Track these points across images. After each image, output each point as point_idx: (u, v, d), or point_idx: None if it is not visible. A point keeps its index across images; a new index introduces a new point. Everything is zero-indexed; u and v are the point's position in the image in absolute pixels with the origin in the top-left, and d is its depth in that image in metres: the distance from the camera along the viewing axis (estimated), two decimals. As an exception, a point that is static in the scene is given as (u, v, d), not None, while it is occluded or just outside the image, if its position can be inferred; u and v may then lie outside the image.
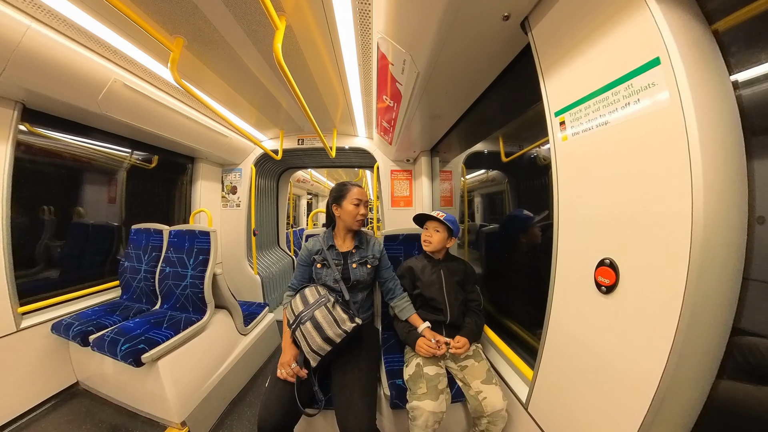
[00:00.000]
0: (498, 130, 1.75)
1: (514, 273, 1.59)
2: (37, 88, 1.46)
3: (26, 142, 1.71)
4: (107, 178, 2.33)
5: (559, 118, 0.81)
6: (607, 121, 0.67)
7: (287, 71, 1.24)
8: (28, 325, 1.60)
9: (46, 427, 1.49)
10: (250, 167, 3.11)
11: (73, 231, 2.06)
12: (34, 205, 1.83)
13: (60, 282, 1.92)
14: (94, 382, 1.73)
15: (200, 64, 1.61)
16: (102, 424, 1.52)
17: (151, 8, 1.20)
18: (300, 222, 7.95)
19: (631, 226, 0.63)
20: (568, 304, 0.83)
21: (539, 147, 1.39)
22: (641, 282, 0.61)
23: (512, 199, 1.81)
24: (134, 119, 1.92)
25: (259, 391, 1.88)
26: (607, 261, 0.68)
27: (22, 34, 1.22)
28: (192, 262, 1.80)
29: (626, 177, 0.64)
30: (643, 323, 0.61)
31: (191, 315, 1.73)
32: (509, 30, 0.93)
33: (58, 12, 1.23)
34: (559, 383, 0.87)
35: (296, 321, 1.13)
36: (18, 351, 1.55)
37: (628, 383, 0.64)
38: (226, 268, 3.10)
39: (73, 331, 1.57)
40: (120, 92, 1.69)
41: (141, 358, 1.35)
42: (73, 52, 1.41)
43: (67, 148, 1.98)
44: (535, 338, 1.26)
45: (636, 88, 0.60)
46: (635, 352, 0.62)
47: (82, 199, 2.13)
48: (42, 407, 1.61)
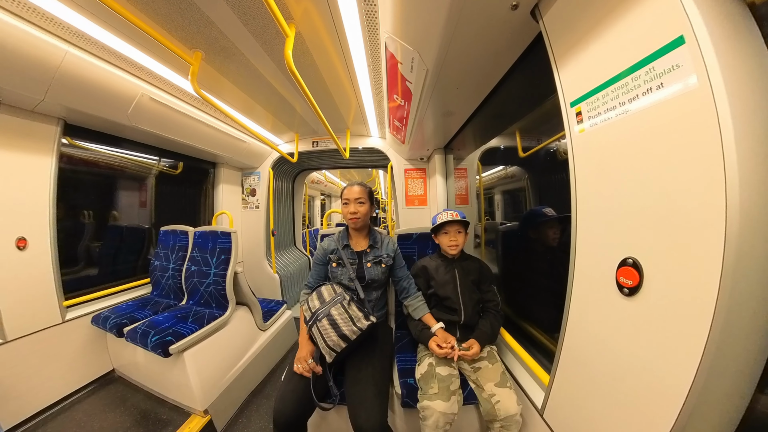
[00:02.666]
0: (514, 124, 1.66)
1: (531, 273, 1.51)
2: (76, 106, 1.57)
3: (68, 154, 1.85)
4: (138, 184, 2.47)
5: (575, 108, 0.75)
6: (628, 109, 0.60)
7: (299, 77, 1.24)
8: (72, 317, 1.73)
9: (86, 410, 1.60)
10: (267, 170, 3.18)
11: (109, 233, 2.20)
12: (76, 210, 1.97)
13: (98, 279, 2.05)
14: (128, 370, 1.83)
15: (218, 75, 1.66)
16: (134, 408, 1.61)
17: (171, 26, 1.26)
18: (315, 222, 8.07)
19: (656, 223, 0.56)
20: (587, 307, 0.76)
21: (559, 140, 1.31)
22: (668, 283, 0.55)
23: (533, 195, 1.72)
24: (160, 129, 2.02)
25: (276, 384, 1.92)
26: (630, 261, 0.61)
27: (61, 59, 1.33)
28: (215, 261, 1.86)
29: (650, 169, 0.57)
30: (670, 328, 0.54)
31: (214, 310, 1.79)
32: (519, 19, 0.87)
33: (90, 36, 1.32)
34: (577, 390, 0.81)
35: (313, 318, 1.14)
36: (63, 340, 1.68)
37: (653, 393, 0.58)
38: (247, 266, 3.19)
39: (110, 324, 1.68)
40: (147, 105, 1.78)
41: (169, 349, 1.42)
42: (104, 71, 1.51)
43: (103, 158, 2.13)
44: (552, 342, 1.19)
45: (658, 71, 0.54)
46: (660, 360, 0.56)
47: (116, 204, 2.28)
48: (83, 391, 1.73)
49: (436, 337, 1.20)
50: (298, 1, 1.14)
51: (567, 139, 0.79)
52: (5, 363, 1.43)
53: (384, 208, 6.20)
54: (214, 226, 2.06)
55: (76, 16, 1.19)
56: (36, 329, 1.56)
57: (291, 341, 2.39)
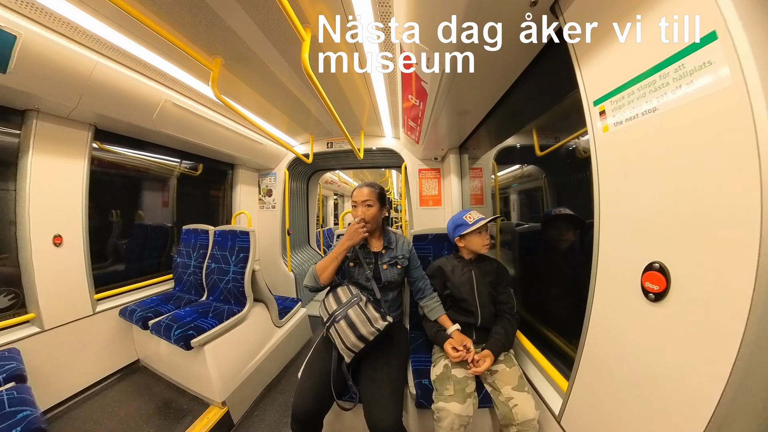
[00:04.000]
0: (531, 122, 1.61)
1: (550, 275, 1.47)
2: (105, 112, 1.66)
3: (98, 158, 1.94)
4: (161, 185, 2.58)
5: (598, 107, 0.72)
6: (655, 107, 0.58)
7: (315, 79, 1.26)
8: (101, 310, 1.83)
9: (113, 396, 1.69)
10: (283, 171, 3.24)
11: (135, 231, 2.31)
12: (105, 209, 2.08)
13: (125, 274, 2.16)
14: (152, 361, 1.92)
15: (236, 80, 1.71)
16: (157, 397, 1.68)
17: (193, 34, 1.31)
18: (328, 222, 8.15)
19: (685, 227, 0.54)
20: (609, 312, 0.73)
21: (578, 138, 1.26)
22: (697, 289, 0.52)
23: (551, 195, 1.66)
24: (182, 133, 2.10)
25: (290, 380, 1.95)
26: (656, 265, 0.59)
27: (92, 69, 1.41)
28: (234, 259, 1.91)
29: (679, 170, 0.54)
30: (699, 336, 0.52)
31: (233, 307, 1.84)
32: (538, 15, 0.85)
33: (118, 46, 1.39)
34: (596, 397, 0.78)
35: (330, 319, 1.14)
36: (93, 330, 1.78)
37: (679, 402, 0.55)
38: (263, 264, 3.25)
39: (136, 316, 1.76)
40: (170, 110, 1.86)
41: (190, 342, 1.47)
42: (131, 79, 1.59)
43: (129, 161, 2.23)
44: (570, 347, 1.16)
45: (689, 68, 0.51)
46: (688, 368, 0.54)
47: (141, 204, 2.38)
48: (111, 378, 1.83)
49: (452, 340, 1.18)
50: (313, 5, 1.15)
51: (590, 138, 0.76)
52: (43, 350, 1.53)
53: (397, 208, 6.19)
54: (233, 226, 2.12)
55: (105, 27, 1.26)
56: (70, 320, 1.66)
57: (305, 338, 2.42)
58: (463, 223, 1.33)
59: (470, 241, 1.33)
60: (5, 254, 1.53)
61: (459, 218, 1.36)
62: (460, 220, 1.35)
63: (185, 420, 1.49)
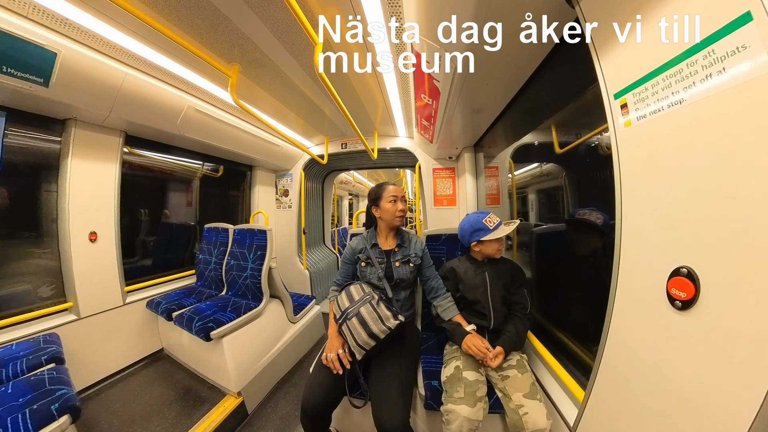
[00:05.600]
0: (548, 118, 1.52)
1: (568, 279, 1.39)
2: (134, 119, 1.77)
3: (128, 161, 2.07)
4: (184, 186, 2.71)
5: (619, 100, 0.67)
6: (683, 98, 0.53)
7: (329, 83, 1.27)
8: (131, 301, 1.95)
9: (140, 381, 1.79)
10: (299, 172, 3.30)
11: (161, 229, 2.44)
12: (134, 209, 2.21)
13: (152, 268, 2.28)
14: (175, 350, 2.01)
15: (253, 85, 1.76)
16: (178, 384, 1.77)
17: (212, 43, 1.36)
18: (343, 221, 8.23)
19: (717, 229, 0.49)
20: (631, 319, 0.68)
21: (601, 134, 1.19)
22: (729, 297, 0.47)
23: (571, 194, 1.57)
24: (204, 136, 2.19)
25: (303, 374, 1.98)
26: (684, 270, 0.53)
27: (122, 80, 1.51)
28: (252, 257, 1.96)
29: (710, 167, 0.49)
30: (731, 349, 0.47)
31: (250, 302, 1.89)
32: (552, 5, 0.81)
33: (145, 58, 1.48)
34: (615, 409, 0.73)
35: (342, 316, 1.15)
36: (123, 320, 1.90)
37: (708, 419, 0.50)
38: (280, 262, 3.32)
39: (161, 308, 1.85)
40: (192, 116, 1.95)
41: (210, 334, 1.53)
42: (157, 88, 1.68)
43: (156, 164, 2.36)
44: (588, 355, 1.09)
45: (720, 54, 0.46)
46: (718, 382, 0.48)
47: (167, 203, 2.52)
48: (138, 364, 1.94)
49: (473, 336, 1.13)
50: (324, 8, 1.16)
51: (611, 133, 0.71)
52: (79, 336, 1.65)
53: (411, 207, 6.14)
54: (251, 224, 2.18)
55: (132, 41, 1.34)
56: (103, 309, 1.78)
57: (318, 335, 2.45)
58: (483, 228, 1.23)
59: (487, 246, 1.25)
60: (48, 249, 1.67)
61: (478, 222, 1.25)
62: (480, 224, 1.25)
63: (203, 407, 1.55)
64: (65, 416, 0.97)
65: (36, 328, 1.51)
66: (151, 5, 1.12)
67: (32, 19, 1.18)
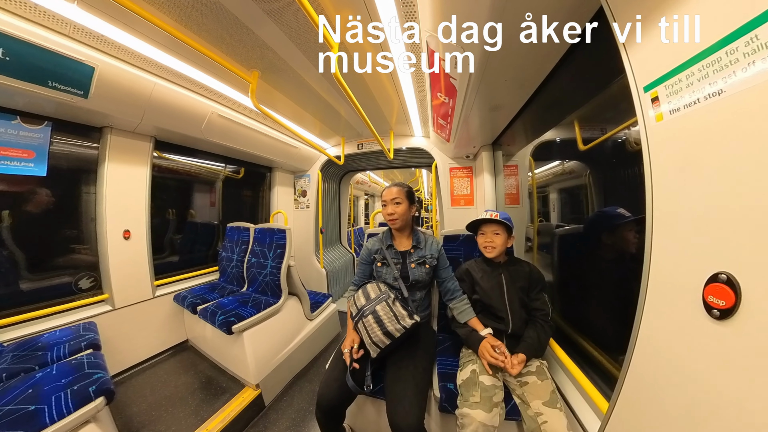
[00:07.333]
0: (571, 114, 1.43)
1: (592, 283, 1.30)
2: (163, 125, 1.89)
3: (157, 165, 2.20)
4: (208, 187, 2.84)
5: (650, 93, 0.61)
6: (722, 89, 0.47)
7: (345, 84, 1.27)
8: (160, 294, 2.06)
9: (166, 369, 1.90)
10: (317, 173, 3.35)
11: (187, 228, 2.57)
12: (163, 209, 2.34)
13: (179, 264, 2.41)
14: (198, 342, 2.11)
15: (272, 89, 1.81)
16: (201, 374, 1.85)
17: (232, 51, 1.42)
18: (359, 221, 8.28)
19: (761, 232, 0.44)
20: (662, 328, 0.62)
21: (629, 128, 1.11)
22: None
23: (596, 193, 1.48)
24: (227, 140, 2.28)
25: (318, 370, 2.00)
26: (723, 276, 0.48)
27: (151, 90, 1.62)
28: (271, 255, 2.02)
29: (753, 164, 0.44)
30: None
31: (269, 298, 1.95)
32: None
33: (171, 68, 1.56)
34: (642, 424, 0.67)
35: (359, 314, 1.16)
36: (152, 312, 2.01)
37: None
38: (298, 261, 3.36)
39: (187, 302, 1.94)
40: (216, 121, 2.04)
41: (232, 328, 1.58)
42: (183, 95, 1.78)
43: (182, 166, 2.49)
44: (614, 364, 1.02)
45: (763, 40, 0.41)
46: (759, 402, 0.43)
47: (192, 204, 2.65)
48: (164, 354, 2.06)
49: (488, 340, 1.10)
50: (338, 9, 1.16)
51: (641, 129, 0.65)
52: (114, 325, 1.77)
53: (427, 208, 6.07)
54: (271, 224, 2.24)
55: (159, 52, 1.42)
56: (135, 301, 1.90)
57: (334, 333, 2.48)
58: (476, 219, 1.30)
59: (478, 241, 1.30)
60: (87, 245, 1.80)
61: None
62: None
63: (223, 397, 1.61)
64: (101, 398, 1.03)
65: (76, 316, 1.64)
66: (175, 17, 1.19)
67: (72, 37, 1.29)
